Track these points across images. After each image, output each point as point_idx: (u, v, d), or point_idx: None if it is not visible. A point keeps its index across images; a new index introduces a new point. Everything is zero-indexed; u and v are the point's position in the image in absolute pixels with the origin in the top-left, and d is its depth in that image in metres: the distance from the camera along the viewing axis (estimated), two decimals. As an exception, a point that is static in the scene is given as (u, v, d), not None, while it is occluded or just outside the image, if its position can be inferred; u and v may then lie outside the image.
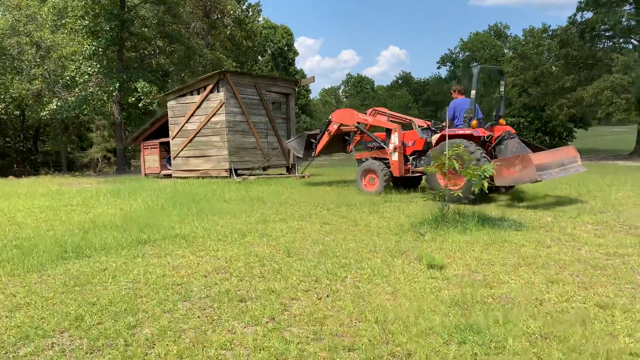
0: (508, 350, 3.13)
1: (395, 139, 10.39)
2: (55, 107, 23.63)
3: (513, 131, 9.61)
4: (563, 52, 30.98)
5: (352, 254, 5.47)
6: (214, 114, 15.32)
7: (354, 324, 3.57)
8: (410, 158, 10.38)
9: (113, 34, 23.76)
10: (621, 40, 31.64)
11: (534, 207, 8.59)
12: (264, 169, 17.00)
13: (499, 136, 9.41)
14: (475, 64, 64.25)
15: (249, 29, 37.31)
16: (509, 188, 9.73)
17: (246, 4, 40.49)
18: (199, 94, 15.80)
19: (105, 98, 24.87)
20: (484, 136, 9.26)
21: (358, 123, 11.27)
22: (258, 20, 44.69)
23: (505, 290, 4.24)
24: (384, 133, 10.99)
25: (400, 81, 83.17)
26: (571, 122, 39.54)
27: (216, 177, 15.17)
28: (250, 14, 40.59)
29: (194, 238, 6.40)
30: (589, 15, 30.62)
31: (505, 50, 59.41)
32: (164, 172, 17.50)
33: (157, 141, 17.92)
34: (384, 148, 10.78)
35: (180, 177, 15.93)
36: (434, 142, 9.66)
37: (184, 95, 16.20)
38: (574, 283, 4.41)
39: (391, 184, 10.78)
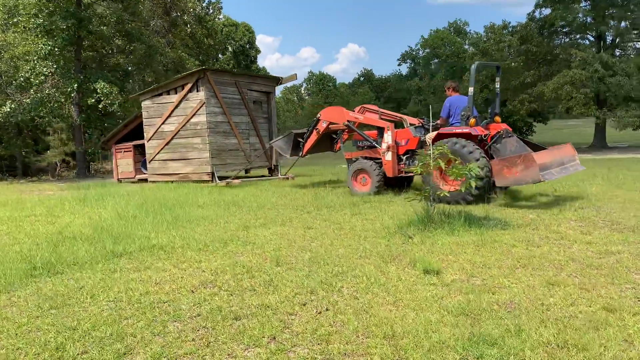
0: (529, 364, 2.98)
1: (388, 137, 10.05)
2: (8, 109, 22.51)
3: (509, 129, 9.34)
4: (523, 48, 31.60)
5: (343, 261, 5.26)
6: (194, 115, 14.59)
7: (361, 341, 3.36)
8: (404, 157, 10.08)
9: (70, 33, 22.79)
10: (577, 36, 32.50)
11: (515, 205, 8.57)
12: (246, 171, 16.28)
13: (495, 134, 9.11)
14: (436, 60, 65.08)
15: (210, 26, 36.57)
16: (505, 188, 9.42)
17: (206, 1, 39.71)
18: (176, 93, 15.01)
19: (62, 100, 23.82)
20: (482, 135, 9.04)
21: (348, 121, 10.87)
22: (219, 18, 43.90)
23: (508, 296, 4.11)
24: (375, 131, 10.66)
25: (361, 78, 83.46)
26: (530, 117, 40.45)
27: (197, 181, 14.40)
28: (211, 11, 39.81)
29: (172, 248, 6.06)
30: (547, 11, 31.32)
31: (466, 47, 60.33)
32: (139, 176, 16.52)
33: (130, 144, 16.92)
34: (375, 147, 10.43)
35: (158, 182, 15.05)
36: (429, 140, 9.29)
37: (160, 94, 15.37)
38: (575, 285, 4.33)
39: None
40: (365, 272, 4.80)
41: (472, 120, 8.92)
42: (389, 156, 10.04)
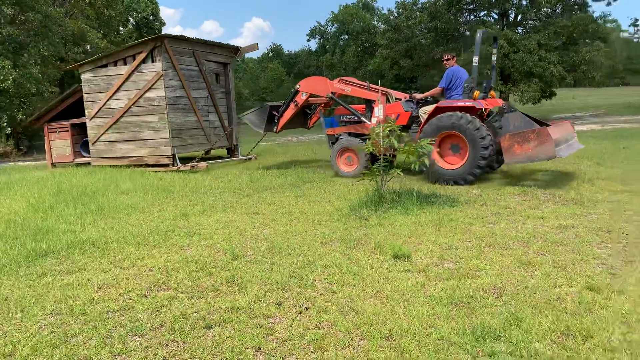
0: (546, 359, 2.79)
1: (379, 112, 9.12)
2: None
3: (510, 104, 8.89)
4: (432, 25, 32.31)
5: (305, 249, 4.88)
6: (149, 89, 12.77)
7: (358, 344, 3.02)
8: None
9: (-53, -1, 20.12)
10: (482, 14, 33.75)
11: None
12: (206, 152, 14.67)
13: (492, 109, 8.62)
14: (346, 36, 65.21)
15: (110, -4, 33.94)
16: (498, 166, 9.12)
17: (105, -32, 36.70)
18: (126, 64, 13.08)
19: (-57, 75, 21.11)
20: (482, 109, 8.50)
21: (332, 93, 9.97)
22: (119, -13, 40.87)
23: (489, 280, 3.95)
24: (361, 105, 9.95)
25: (271, 54, 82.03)
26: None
27: (154, 165, 12.67)
28: (111, -21, 36.92)
29: (106, 244, 5.36)
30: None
31: (374, 23, 60.89)
32: (79, 160, 14.45)
33: (67, 122, 14.60)
34: (362, 122, 9.67)
35: (103, 166, 13.04)
36: (424, 115, 8.73)
37: (105, 66, 13.32)
38: (548, 263, 4.28)
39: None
40: (333, 261, 4.46)
41: (477, 93, 8.35)
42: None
